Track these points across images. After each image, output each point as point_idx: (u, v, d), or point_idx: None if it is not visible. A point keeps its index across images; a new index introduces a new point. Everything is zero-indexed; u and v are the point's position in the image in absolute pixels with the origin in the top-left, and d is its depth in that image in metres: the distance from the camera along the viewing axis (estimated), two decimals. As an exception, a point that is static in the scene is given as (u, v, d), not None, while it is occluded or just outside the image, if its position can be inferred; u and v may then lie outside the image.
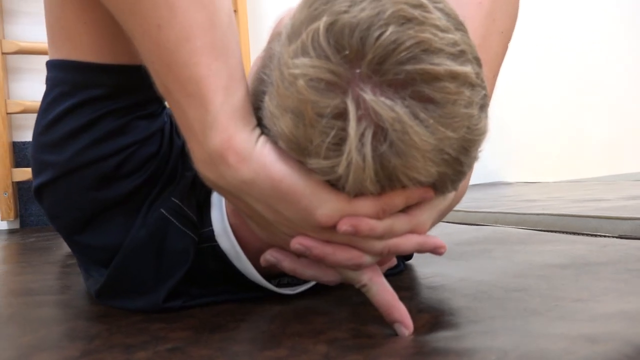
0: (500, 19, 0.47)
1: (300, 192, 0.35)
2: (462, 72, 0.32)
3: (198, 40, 0.35)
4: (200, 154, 0.37)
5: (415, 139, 0.31)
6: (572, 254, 0.63)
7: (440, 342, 0.37)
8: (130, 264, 0.47)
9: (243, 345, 0.38)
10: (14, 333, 0.45)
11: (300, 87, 0.32)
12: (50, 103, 0.46)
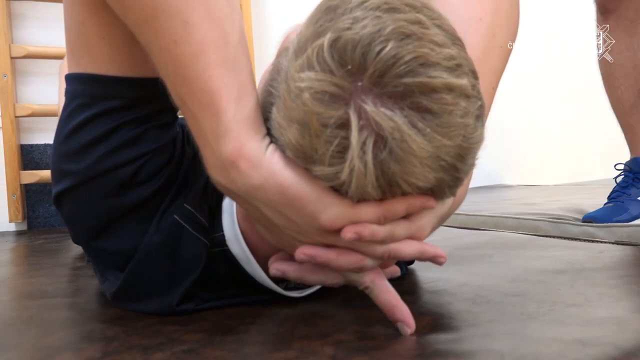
0: (500, 34, 0.50)
1: (306, 198, 0.37)
2: (458, 85, 0.35)
3: (211, 55, 0.38)
4: (213, 161, 0.39)
5: (413, 146, 0.34)
6: (569, 259, 0.65)
7: (442, 345, 0.39)
8: (144, 268, 0.50)
9: (254, 347, 0.41)
10: (35, 335, 0.48)
11: (305, 99, 0.34)
12: (70, 114, 0.48)
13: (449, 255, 0.75)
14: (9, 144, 1.56)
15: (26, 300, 0.63)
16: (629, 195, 1.17)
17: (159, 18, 0.38)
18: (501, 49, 0.50)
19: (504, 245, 0.80)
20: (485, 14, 0.48)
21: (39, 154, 1.66)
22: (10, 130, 1.56)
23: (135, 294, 0.51)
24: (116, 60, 0.47)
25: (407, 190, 0.36)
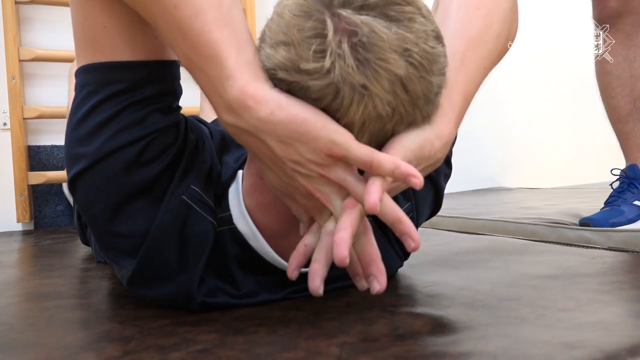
0: (497, 25, 0.53)
1: (312, 124, 0.42)
2: (414, 0, 0.42)
3: (208, 14, 0.43)
4: (222, 103, 0.44)
5: (380, 34, 0.40)
6: (562, 265, 0.68)
7: (440, 346, 0.42)
8: (157, 246, 0.53)
9: (264, 347, 0.43)
10: (56, 334, 0.50)
11: (287, 17, 0.41)
12: (80, 102, 0.52)
13: (448, 260, 0.78)
14: (17, 145, 1.59)
15: (43, 300, 0.65)
16: (625, 200, 1.20)
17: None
18: (497, 37, 0.53)
19: (501, 250, 0.83)
20: (482, 5, 0.52)
21: (46, 155, 1.69)
22: (19, 132, 1.59)
23: (150, 276, 0.54)
24: (118, 47, 0.50)
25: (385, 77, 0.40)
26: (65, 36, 1.70)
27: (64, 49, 1.67)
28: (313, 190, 0.44)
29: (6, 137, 1.62)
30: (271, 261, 0.54)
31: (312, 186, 0.44)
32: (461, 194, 2.22)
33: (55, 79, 1.70)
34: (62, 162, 1.71)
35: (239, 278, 0.55)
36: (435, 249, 0.88)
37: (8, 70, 1.57)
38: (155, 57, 0.51)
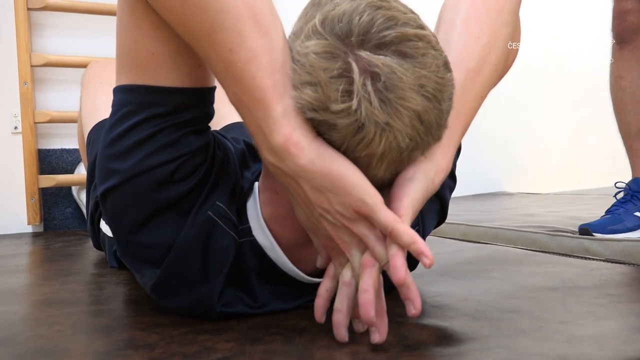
0: (496, 54, 0.56)
1: (347, 180, 0.45)
2: (425, 34, 0.45)
3: (262, 59, 0.46)
4: (266, 145, 0.47)
5: (400, 75, 0.43)
6: (561, 277, 0.71)
7: (445, 357, 0.45)
8: (181, 258, 0.56)
9: (281, 356, 0.46)
10: (83, 341, 0.54)
11: (311, 60, 0.44)
12: (118, 120, 0.54)
13: (452, 269, 0.81)
14: (28, 149, 1.62)
15: (64, 306, 0.68)
16: (627, 210, 1.23)
17: (216, 32, 0.46)
18: (495, 66, 0.56)
19: (503, 260, 0.86)
20: (482, 34, 0.55)
21: (55, 159, 1.73)
22: (30, 136, 1.62)
23: (173, 286, 0.57)
24: (162, 72, 0.53)
25: (405, 114, 0.43)
26: (75, 42, 1.74)
27: (75, 55, 1.71)
28: (335, 236, 0.48)
29: (17, 141, 1.65)
30: (288, 271, 0.58)
31: (335, 233, 0.48)
32: (463, 198, 2.25)
33: (65, 84, 1.73)
34: (72, 165, 1.74)
35: (256, 288, 0.58)
36: (439, 258, 0.91)
37: (20, 76, 1.61)
38: (196, 85, 0.54)
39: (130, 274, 0.88)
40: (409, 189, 0.47)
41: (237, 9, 0.45)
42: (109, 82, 1.32)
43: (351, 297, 0.49)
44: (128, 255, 0.61)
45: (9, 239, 1.52)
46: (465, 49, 0.53)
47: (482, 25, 0.54)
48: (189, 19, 0.47)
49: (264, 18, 0.46)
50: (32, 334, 0.57)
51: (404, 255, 0.46)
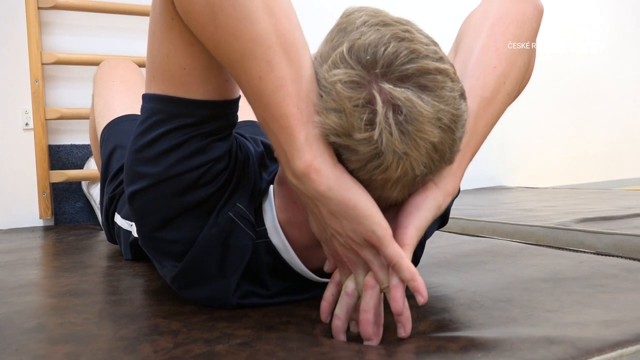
0: (510, 83, 0.58)
1: (361, 210, 0.49)
2: (444, 68, 0.48)
3: (289, 88, 0.48)
4: (289, 168, 0.50)
5: (420, 110, 0.46)
6: (553, 268, 0.76)
7: (442, 343, 0.49)
8: (202, 254, 0.61)
9: (295, 343, 0.51)
10: (111, 327, 0.58)
11: (338, 89, 0.46)
12: (149, 127, 0.58)
13: (450, 262, 0.85)
14: (39, 145, 1.67)
15: (88, 297, 0.73)
16: None
17: (246, 59, 0.49)
18: (508, 95, 0.59)
19: (499, 253, 0.90)
20: (499, 64, 0.57)
21: (65, 154, 1.77)
22: (41, 132, 1.67)
23: (192, 278, 0.62)
24: (192, 86, 0.57)
25: (422, 145, 0.46)
26: (84, 40, 1.78)
27: (84, 53, 1.75)
28: (344, 255, 0.52)
29: (29, 137, 1.70)
30: (298, 271, 0.62)
31: (343, 252, 0.52)
32: (463, 192, 2.30)
33: (74, 81, 1.77)
34: (81, 160, 1.78)
35: (269, 282, 0.63)
36: (439, 251, 0.95)
37: (31, 73, 1.65)
38: (222, 97, 0.58)
39: (146, 266, 0.93)
40: (416, 219, 0.51)
41: (268, 38, 0.48)
42: (120, 81, 1.37)
43: (351, 306, 0.53)
44: (150, 247, 0.65)
45: (22, 233, 1.57)
46: (481, 78, 0.56)
47: (500, 56, 0.57)
48: (222, 43, 0.49)
49: (294, 48, 0.49)
50: (63, 321, 0.61)
51: (404, 287, 0.50)
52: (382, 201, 0.51)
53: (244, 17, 0.48)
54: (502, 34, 0.58)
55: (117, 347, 0.52)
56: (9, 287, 0.81)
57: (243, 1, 0.47)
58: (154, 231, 0.62)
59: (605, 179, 2.91)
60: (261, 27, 0.48)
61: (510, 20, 0.60)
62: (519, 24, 0.60)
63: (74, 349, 0.52)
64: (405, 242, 0.50)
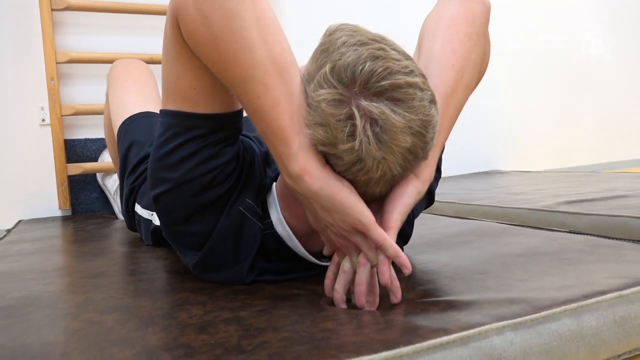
0: (467, 77, 0.67)
1: (347, 203, 0.58)
2: (414, 82, 0.56)
3: (283, 105, 0.57)
4: (286, 172, 0.59)
5: (393, 121, 0.54)
6: (528, 246, 0.86)
7: (425, 306, 0.60)
8: (218, 243, 0.71)
9: (305, 309, 0.61)
10: (148, 300, 0.69)
11: (323, 107, 0.55)
12: (168, 139, 0.68)
13: (439, 241, 0.96)
14: (57, 140, 1.77)
15: (121, 276, 0.84)
16: None
17: (246, 82, 0.58)
18: (467, 87, 0.68)
19: (484, 233, 1.00)
20: (456, 62, 0.66)
21: (80, 148, 1.87)
22: (58, 128, 1.77)
23: (211, 264, 0.73)
24: (201, 103, 0.67)
25: (397, 151, 0.55)
26: (95, 39, 1.87)
27: (95, 51, 1.84)
28: (337, 241, 0.62)
29: (46, 132, 1.80)
30: (301, 255, 0.73)
31: (337, 239, 0.62)
32: (459, 177, 2.40)
33: (87, 78, 1.86)
34: (95, 153, 1.88)
35: (278, 264, 0.74)
36: (430, 232, 1.06)
37: (47, 72, 1.74)
38: (228, 110, 0.68)
39: (167, 251, 1.03)
40: (399, 206, 0.60)
41: (264, 63, 0.56)
42: (133, 80, 1.47)
43: (347, 281, 0.63)
44: (173, 239, 0.76)
45: (43, 222, 1.68)
46: (442, 76, 0.65)
47: (456, 54, 0.66)
48: (225, 68, 0.58)
49: (286, 70, 0.58)
50: (105, 296, 0.72)
51: (389, 262, 0.60)
52: (367, 196, 0.60)
53: (243, 46, 0.56)
54: (456, 34, 0.67)
55: (156, 315, 0.63)
56: (49, 270, 0.92)
57: (242, 32, 0.57)
58: (177, 226, 0.72)
59: (597, 162, 3.01)
60: (258, 54, 0.56)
61: (462, 21, 0.68)
62: (470, 23, 0.68)
63: (121, 317, 0.62)
64: (389, 225, 0.59)
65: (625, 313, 0.56)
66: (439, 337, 0.48)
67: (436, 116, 0.58)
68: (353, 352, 0.46)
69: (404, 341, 0.47)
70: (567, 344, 0.52)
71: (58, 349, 0.52)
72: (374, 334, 0.50)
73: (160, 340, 0.54)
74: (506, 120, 2.74)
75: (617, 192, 1.51)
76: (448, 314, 0.55)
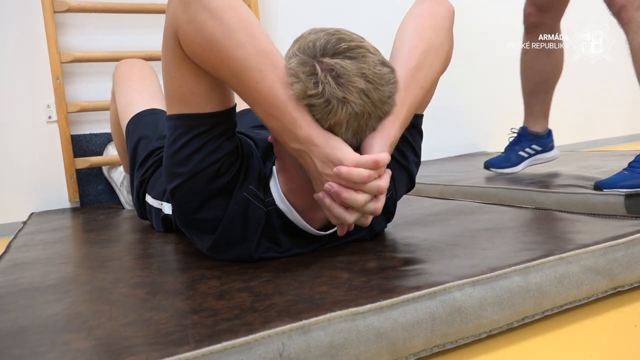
0: (431, 57, 0.82)
1: (338, 154, 0.71)
2: (364, 45, 0.72)
3: (277, 85, 0.71)
4: (292, 137, 0.72)
5: (347, 68, 0.69)
6: (497, 221, 0.99)
7: (405, 272, 0.72)
8: (229, 225, 0.83)
9: (305, 277, 0.74)
10: (170, 276, 0.81)
11: (294, 67, 0.71)
12: (175, 139, 0.80)
13: (421, 220, 1.08)
14: (64, 136, 1.87)
15: (143, 258, 0.96)
16: (514, 149, 1.77)
17: (243, 73, 0.71)
18: (431, 66, 0.82)
19: (461, 212, 1.13)
20: (420, 43, 0.81)
21: (85, 142, 1.97)
22: (65, 124, 1.87)
23: (224, 244, 0.85)
24: (200, 104, 0.78)
25: (354, 90, 0.69)
26: (97, 38, 1.96)
27: (97, 50, 1.94)
28: (336, 195, 0.73)
29: (53, 129, 1.90)
30: (303, 228, 0.85)
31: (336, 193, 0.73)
32: (445, 159, 2.52)
33: (90, 76, 1.96)
34: (100, 147, 1.99)
35: (281, 239, 0.86)
36: (413, 213, 1.18)
37: (52, 72, 1.84)
38: (224, 107, 0.79)
39: (177, 236, 1.15)
40: (375, 146, 0.72)
41: (256, 54, 0.70)
42: (137, 78, 1.58)
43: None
44: (189, 227, 0.87)
45: (55, 214, 1.79)
46: (408, 54, 0.80)
47: (420, 38, 0.81)
48: (223, 67, 0.71)
49: (274, 56, 0.72)
50: (132, 275, 0.84)
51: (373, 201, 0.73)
52: None
53: (235, 44, 0.70)
54: (422, 24, 0.83)
55: (180, 287, 0.75)
56: (77, 255, 1.04)
57: (231, 34, 0.70)
58: (193, 214, 0.84)
59: (580, 140, 3.14)
60: (249, 48, 0.70)
61: (426, 14, 0.85)
62: (433, 16, 0.84)
63: (150, 290, 0.74)
64: (375, 152, 0.72)
65: (565, 272, 0.69)
66: (412, 292, 0.60)
67: (388, 75, 0.72)
68: (343, 307, 0.58)
69: (384, 297, 0.60)
70: (516, 297, 0.64)
71: (105, 315, 0.65)
72: (361, 293, 0.63)
73: (187, 306, 0.66)
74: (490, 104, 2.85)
75: (586, 170, 1.64)
76: (421, 277, 0.68)
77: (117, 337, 0.56)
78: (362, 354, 0.55)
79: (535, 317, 0.67)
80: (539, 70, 1.73)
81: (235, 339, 0.51)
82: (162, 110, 1.40)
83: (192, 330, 0.56)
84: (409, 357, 0.59)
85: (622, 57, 1.54)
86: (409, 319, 0.58)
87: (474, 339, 0.64)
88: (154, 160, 1.26)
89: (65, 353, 0.53)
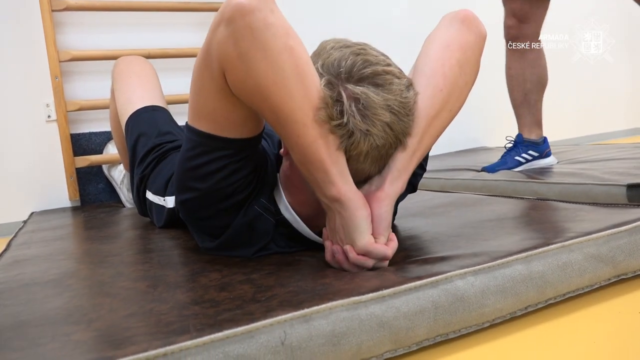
0: (452, 102, 0.76)
1: (355, 235, 0.69)
2: (391, 70, 0.69)
3: (319, 141, 0.67)
4: (322, 194, 0.71)
5: (373, 99, 0.67)
6: (499, 212, 0.98)
7: (407, 264, 0.72)
8: (235, 234, 0.82)
9: (307, 272, 0.73)
10: (171, 269, 0.81)
11: (322, 90, 0.67)
12: (197, 155, 0.77)
13: (423, 212, 1.08)
14: (64, 135, 1.87)
15: (145, 253, 0.95)
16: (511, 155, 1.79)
17: (287, 124, 0.67)
18: (450, 112, 0.77)
19: (462, 204, 1.12)
20: (444, 86, 0.74)
21: (85, 141, 1.97)
22: (64, 124, 1.87)
23: (226, 249, 0.84)
24: (232, 129, 0.75)
25: (379, 124, 0.67)
26: (95, 36, 1.96)
27: (95, 49, 1.93)
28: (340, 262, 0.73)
29: (52, 128, 1.90)
30: (307, 236, 0.84)
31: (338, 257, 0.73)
32: (446, 155, 2.51)
33: (89, 75, 1.96)
34: (99, 146, 1.98)
35: (285, 246, 0.85)
36: (416, 205, 1.18)
37: (51, 71, 1.83)
38: (252, 135, 0.76)
39: (178, 232, 1.14)
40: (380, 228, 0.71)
41: (302, 108, 0.66)
42: (136, 76, 1.57)
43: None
44: (195, 227, 0.87)
45: (56, 213, 1.79)
46: (429, 99, 0.73)
47: (445, 79, 0.74)
48: (268, 112, 0.67)
49: (318, 109, 0.67)
50: (134, 269, 0.84)
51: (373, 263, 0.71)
52: (359, 173, 0.71)
53: (286, 94, 0.65)
54: (449, 59, 0.75)
55: (181, 280, 0.74)
56: (77, 251, 1.03)
57: (283, 81, 0.64)
58: (200, 221, 0.83)
59: (578, 135, 3.14)
60: (298, 100, 0.65)
61: (456, 48, 0.76)
62: (463, 51, 0.76)
63: (151, 283, 0.74)
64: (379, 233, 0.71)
65: (567, 260, 0.68)
66: (413, 282, 0.60)
67: (412, 100, 0.70)
68: (345, 296, 0.58)
69: (386, 286, 0.59)
70: (518, 285, 0.64)
71: (105, 307, 0.64)
72: (362, 283, 0.62)
73: (188, 297, 0.66)
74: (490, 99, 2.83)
75: (590, 162, 1.64)
76: (423, 267, 0.68)
77: (117, 328, 0.56)
78: (364, 342, 0.55)
79: (538, 305, 0.67)
80: (525, 81, 1.75)
81: (237, 327, 0.51)
82: (161, 107, 1.40)
83: (194, 320, 0.56)
84: (412, 346, 0.59)
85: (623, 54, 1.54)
86: (411, 308, 0.58)
87: (477, 328, 0.63)
88: (154, 156, 1.25)
89: (66, 344, 0.53)
